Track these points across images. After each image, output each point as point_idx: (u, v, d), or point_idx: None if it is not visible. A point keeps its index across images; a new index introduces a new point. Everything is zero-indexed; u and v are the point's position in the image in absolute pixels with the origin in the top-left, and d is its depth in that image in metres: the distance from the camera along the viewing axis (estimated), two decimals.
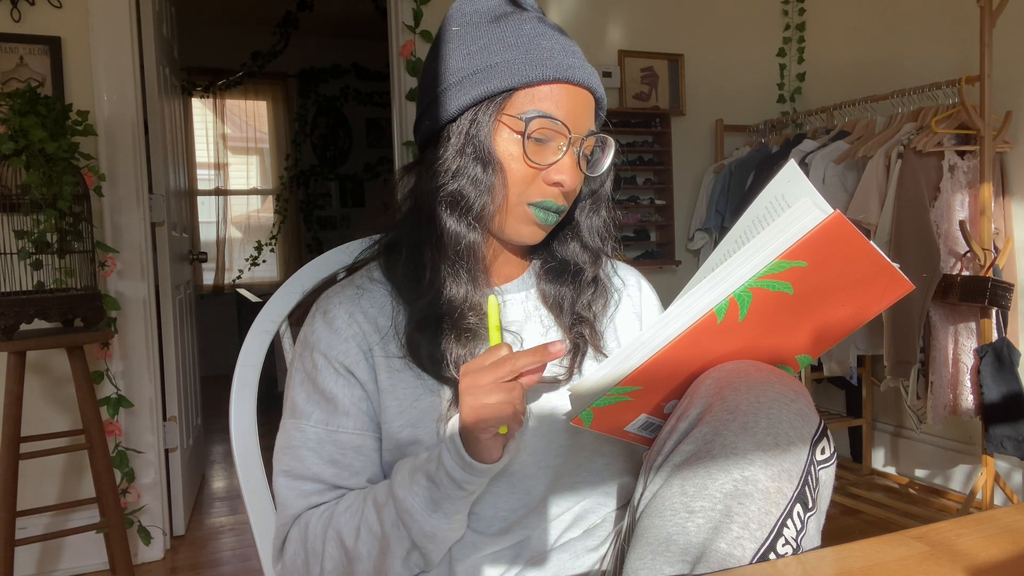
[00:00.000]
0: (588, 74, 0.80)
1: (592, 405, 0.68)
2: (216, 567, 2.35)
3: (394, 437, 0.78)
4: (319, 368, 0.79)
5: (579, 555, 0.81)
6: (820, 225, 0.56)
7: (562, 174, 0.78)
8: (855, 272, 0.62)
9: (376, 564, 0.74)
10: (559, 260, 0.88)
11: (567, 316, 0.85)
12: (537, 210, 0.79)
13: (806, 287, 0.61)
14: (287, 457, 0.79)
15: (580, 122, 0.79)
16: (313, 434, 0.78)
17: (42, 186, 1.84)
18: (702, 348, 0.65)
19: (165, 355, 2.57)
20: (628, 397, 0.67)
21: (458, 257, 0.78)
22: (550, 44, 0.78)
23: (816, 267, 0.60)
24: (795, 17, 3.34)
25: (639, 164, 3.13)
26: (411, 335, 0.79)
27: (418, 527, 0.71)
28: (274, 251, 5.96)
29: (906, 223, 2.29)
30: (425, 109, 0.82)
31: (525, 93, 0.77)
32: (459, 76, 0.78)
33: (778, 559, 0.61)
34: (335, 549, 0.74)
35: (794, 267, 0.59)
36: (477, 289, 0.79)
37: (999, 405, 2.15)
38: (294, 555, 0.77)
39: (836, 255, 0.59)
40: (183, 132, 3.34)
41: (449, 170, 0.78)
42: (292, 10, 5.31)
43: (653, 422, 0.73)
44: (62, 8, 2.23)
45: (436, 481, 0.70)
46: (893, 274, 0.63)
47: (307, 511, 0.78)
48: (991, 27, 2.13)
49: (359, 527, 0.73)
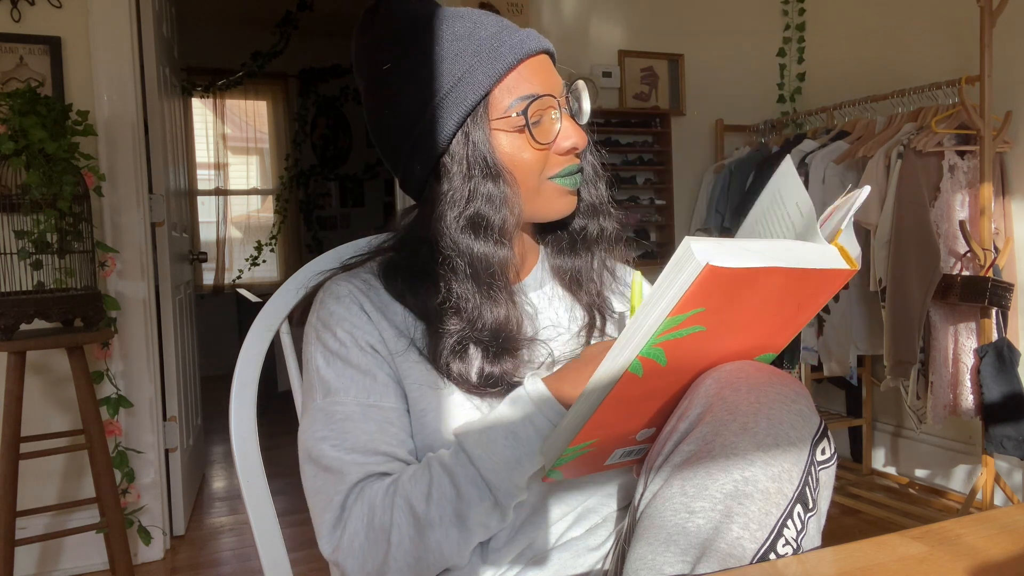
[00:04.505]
0: (537, 39, 0.80)
1: (555, 464, 0.68)
2: (216, 567, 2.35)
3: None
4: (346, 344, 0.78)
5: (580, 554, 0.81)
6: (696, 280, 0.53)
7: (569, 139, 0.80)
8: (767, 290, 0.59)
9: (449, 528, 0.70)
10: (569, 230, 0.90)
11: (585, 291, 0.89)
12: (562, 180, 0.81)
13: (718, 321, 0.59)
14: (331, 432, 0.75)
15: (555, 85, 0.80)
16: (356, 406, 0.76)
17: (42, 186, 1.84)
18: (640, 394, 0.64)
19: (165, 355, 2.57)
20: (589, 449, 0.67)
21: (492, 279, 0.78)
22: (489, 31, 0.78)
23: (717, 307, 0.57)
24: (795, 17, 3.34)
25: (639, 164, 3.13)
26: (445, 358, 0.78)
27: (505, 483, 0.70)
28: (274, 251, 5.96)
29: (906, 223, 2.29)
30: (409, 156, 0.80)
31: (499, 89, 0.77)
32: (429, 109, 0.77)
33: (778, 559, 0.61)
34: (404, 518, 0.70)
35: (693, 314, 0.56)
36: (514, 306, 0.80)
37: (999, 405, 2.15)
38: (353, 535, 0.71)
39: (731, 291, 0.56)
40: (183, 132, 3.34)
41: (462, 198, 0.77)
42: (292, 10, 5.30)
43: (632, 449, 0.73)
44: (62, 8, 2.23)
45: (522, 439, 0.70)
46: (818, 274, 0.59)
47: (366, 483, 0.73)
48: (991, 27, 2.13)
49: (429, 491, 0.71)
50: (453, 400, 0.77)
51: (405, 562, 0.71)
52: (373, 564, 0.71)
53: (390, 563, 0.71)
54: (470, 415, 0.77)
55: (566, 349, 0.85)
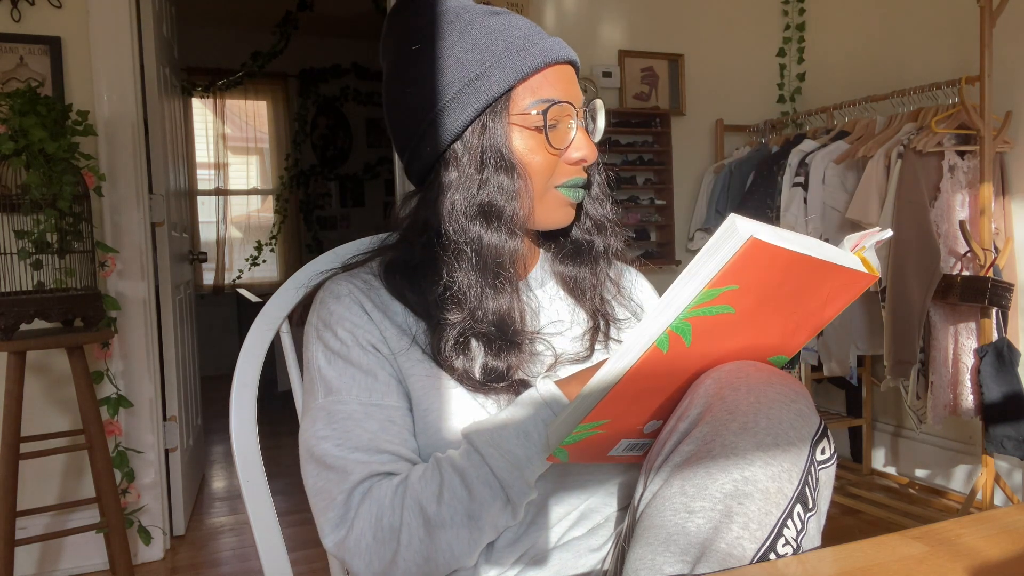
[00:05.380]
0: (566, 48, 0.82)
1: (564, 443, 0.68)
2: (216, 567, 2.35)
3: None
4: (348, 344, 0.78)
5: (581, 555, 0.81)
6: (738, 252, 0.55)
7: (581, 150, 0.80)
8: (795, 280, 0.61)
9: (460, 529, 0.70)
10: (572, 241, 0.90)
11: (588, 298, 0.89)
12: (566, 190, 0.82)
13: (747, 304, 0.61)
14: (333, 431, 0.75)
15: (576, 95, 0.82)
16: (358, 405, 0.76)
17: (42, 186, 1.84)
18: (659, 374, 0.65)
19: (165, 355, 2.57)
20: (599, 431, 0.68)
21: (500, 269, 0.78)
22: (523, 32, 0.79)
23: (749, 286, 0.59)
24: (795, 17, 3.34)
25: (639, 164, 3.13)
26: (447, 353, 0.78)
27: (518, 482, 0.71)
28: (274, 251, 5.96)
29: (906, 223, 2.29)
30: (421, 138, 0.80)
31: (522, 88, 0.78)
32: (451, 93, 0.77)
33: (778, 559, 0.61)
34: (415, 519, 0.70)
35: (727, 291, 0.58)
36: (518, 298, 0.81)
37: (999, 405, 2.15)
38: (360, 535, 0.71)
39: (766, 272, 0.58)
40: (183, 132, 3.34)
41: (473, 186, 0.78)
42: (292, 10, 5.31)
43: (636, 443, 0.73)
44: (62, 8, 2.23)
45: (533, 438, 0.71)
46: (843, 272, 0.62)
47: (372, 482, 0.73)
48: (991, 27, 2.13)
49: (440, 492, 0.71)
50: (457, 398, 0.77)
51: (414, 562, 0.71)
52: (380, 564, 0.71)
53: (399, 563, 0.71)
54: (475, 413, 0.77)
55: (568, 349, 0.85)
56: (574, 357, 0.84)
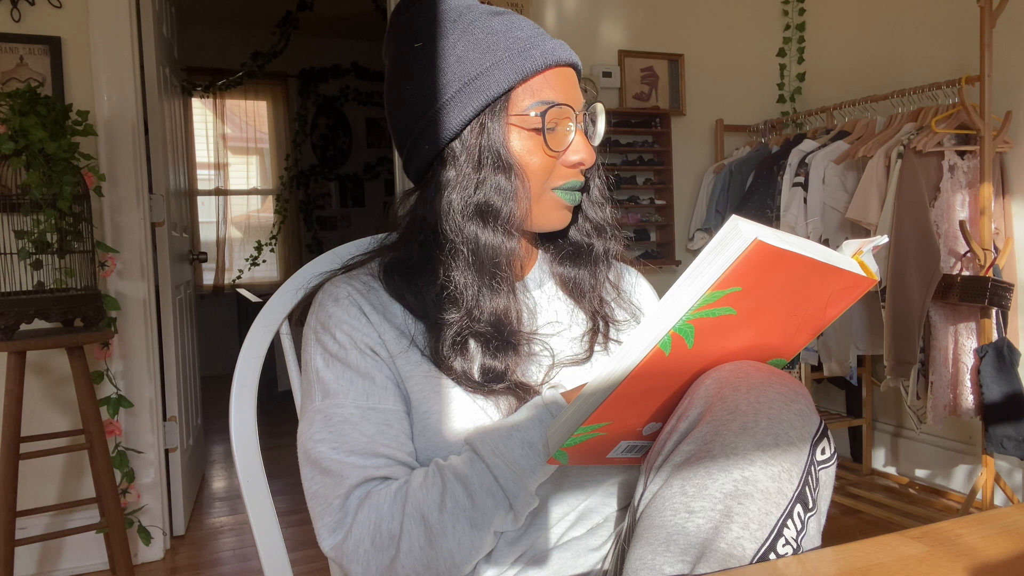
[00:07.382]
0: (568, 51, 0.82)
1: (564, 445, 0.68)
2: (216, 567, 2.35)
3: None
4: (346, 347, 0.78)
5: (581, 554, 0.81)
6: (742, 254, 0.55)
7: (579, 153, 0.80)
8: (797, 282, 0.61)
9: (462, 537, 0.71)
10: (571, 242, 0.90)
11: (588, 300, 0.89)
12: (563, 193, 0.82)
13: (749, 306, 0.61)
14: (330, 434, 0.75)
15: (576, 98, 0.81)
16: (355, 408, 0.76)
17: (42, 186, 1.84)
18: (661, 375, 0.65)
19: (165, 355, 2.57)
20: (600, 432, 0.68)
21: (497, 268, 0.78)
22: (525, 33, 0.79)
23: (752, 288, 0.59)
24: (795, 17, 3.34)
25: (639, 164, 3.13)
26: (445, 353, 0.78)
27: (522, 491, 0.71)
28: (274, 251, 5.97)
29: (906, 223, 2.29)
30: (420, 135, 0.80)
31: (522, 88, 0.78)
32: (451, 91, 0.78)
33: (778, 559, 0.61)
34: (415, 526, 0.70)
35: (730, 293, 0.58)
36: (516, 298, 0.81)
37: (999, 405, 2.15)
38: (358, 540, 0.71)
39: (769, 274, 0.59)
40: (183, 132, 3.34)
41: (470, 184, 0.78)
42: (292, 10, 5.31)
43: (636, 445, 0.73)
44: (62, 8, 2.23)
45: (538, 448, 0.71)
46: (844, 276, 0.62)
47: (370, 487, 0.73)
48: (991, 27, 2.13)
49: (443, 500, 0.71)
50: (457, 400, 0.77)
51: (413, 569, 0.71)
52: (378, 570, 0.71)
53: (397, 569, 0.71)
54: (474, 415, 0.76)
55: (567, 350, 0.85)
56: (573, 358, 0.84)
